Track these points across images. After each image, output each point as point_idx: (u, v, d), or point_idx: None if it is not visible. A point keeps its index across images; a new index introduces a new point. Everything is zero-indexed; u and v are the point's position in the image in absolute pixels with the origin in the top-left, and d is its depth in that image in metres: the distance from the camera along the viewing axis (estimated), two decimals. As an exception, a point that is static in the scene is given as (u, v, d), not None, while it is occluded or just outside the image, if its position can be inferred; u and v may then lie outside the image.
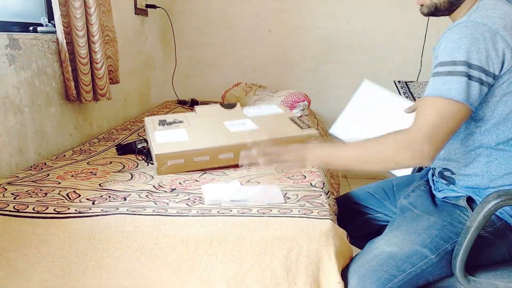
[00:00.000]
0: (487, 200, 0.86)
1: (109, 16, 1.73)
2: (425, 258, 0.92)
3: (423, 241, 0.93)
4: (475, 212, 0.87)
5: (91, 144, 1.63)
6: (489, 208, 0.85)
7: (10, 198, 1.06)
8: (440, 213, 1.00)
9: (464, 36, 0.87)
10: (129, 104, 2.22)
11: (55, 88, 1.52)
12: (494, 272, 0.94)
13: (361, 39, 2.73)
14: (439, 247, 0.93)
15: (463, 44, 0.87)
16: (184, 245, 0.92)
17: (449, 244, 0.93)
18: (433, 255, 0.92)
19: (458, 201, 1.00)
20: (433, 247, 0.92)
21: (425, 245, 0.93)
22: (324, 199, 1.06)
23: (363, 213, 1.26)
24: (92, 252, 0.92)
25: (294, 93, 2.25)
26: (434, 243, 0.93)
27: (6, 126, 1.28)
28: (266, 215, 0.96)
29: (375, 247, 0.96)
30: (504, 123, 0.93)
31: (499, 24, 0.88)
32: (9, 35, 1.29)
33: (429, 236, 0.94)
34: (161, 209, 1.00)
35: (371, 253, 0.94)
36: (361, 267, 0.92)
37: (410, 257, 0.91)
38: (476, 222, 0.86)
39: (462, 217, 0.97)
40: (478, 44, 0.86)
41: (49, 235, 0.94)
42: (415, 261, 0.91)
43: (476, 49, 0.86)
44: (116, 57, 1.79)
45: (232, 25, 2.78)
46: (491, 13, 0.89)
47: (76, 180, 1.20)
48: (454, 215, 0.98)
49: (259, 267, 0.90)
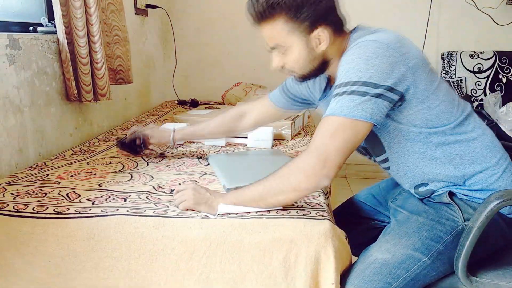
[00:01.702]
0: (489, 200, 0.86)
1: (120, 16, 1.73)
2: (418, 262, 0.91)
3: (414, 244, 0.93)
4: (477, 212, 0.87)
5: (91, 144, 1.64)
6: (491, 208, 0.85)
7: (10, 198, 1.06)
8: (428, 211, 1.00)
9: (357, 57, 0.90)
10: (129, 104, 2.23)
11: (55, 88, 1.52)
12: (496, 272, 0.94)
13: (361, 40, 2.73)
14: (430, 249, 0.92)
15: (357, 64, 0.89)
16: (183, 246, 0.92)
17: (440, 244, 0.93)
18: (426, 257, 0.92)
19: (442, 198, 1.00)
20: (424, 249, 0.92)
21: (417, 248, 0.92)
22: (322, 200, 1.06)
23: (358, 224, 1.26)
24: (90, 253, 0.93)
25: (294, 94, 2.25)
26: (425, 245, 0.93)
27: (6, 126, 1.28)
28: (264, 216, 0.97)
29: (368, 254, 0.96)
30: (436, 119, 0.95)
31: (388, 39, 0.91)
32: (9, 35, 1.29)
33: (420, 238, 0.94)
34: (161, 210, 1.00)
35: (364, 262, 0.94)
36: (356, 278, 0.91)
37: (403, 262, 0.91)
38: (478, 222, 0.86)
39: (449, 212, 0.97)
40: (371, 62, 0.88)
41: (48, 235, 0.94)
42: (409, 266, 0.91)
43: (371, 67, 0.87)
44: (127, 57, 1.79)
45: (232, 25, 2.78)
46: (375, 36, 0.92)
47: (75, 180, 1.21)
48: (441, 212, 0.98)
49: (258, 268, 0.90)
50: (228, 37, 2.82)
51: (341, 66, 0.93)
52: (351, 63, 0.90)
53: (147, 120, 2.10)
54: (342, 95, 0.89)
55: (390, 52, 0.89)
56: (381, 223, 1.23)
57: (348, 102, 0.87)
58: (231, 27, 2.79)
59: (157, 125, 1.73)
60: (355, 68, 0.89)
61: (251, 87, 2.48)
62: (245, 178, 1.11)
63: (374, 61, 0.88)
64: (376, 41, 0.90)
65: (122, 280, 0.91)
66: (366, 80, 0.87)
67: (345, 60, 0.93)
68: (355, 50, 0.92)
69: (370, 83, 0.87)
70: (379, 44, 0.89)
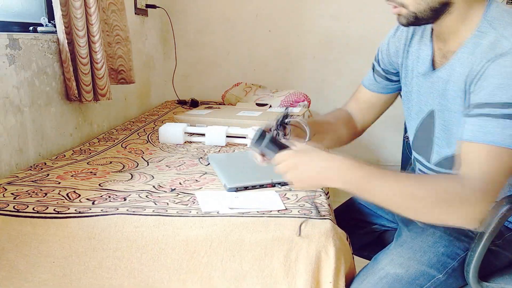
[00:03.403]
0: (500, 204, 0.83)
1: (121, 16, 1.73)
2: (432, 278, 0.88)
3: (429, 260, 0.89)
4: (488, 217, 0.83)
5: (91, 144, 1.63)
6: (502, 212, 0.82)
7: (10, 198, 1.06)
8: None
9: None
10: (129, 104, 2.23)
11: (55, 88, 1.52)
12: (504, 277, 0.93)
13: (361, 39, 2.72)
14: (446, 266, 0.89)
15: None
16: (184, 245, 0.92)
17: (455, 261, 0.90)
18: (440, 274, 0.88)
19: None
20: (440, 266, 0.89)
21: (432, 264, 0.89)
22: (324, 200, 1.06)
23: (358, 226, 1.23)
24: (92, 252, 0.93)
25: (294, 93, 2.26)
26: (441, 261, 0.89)
27: (6, 126, 1.28)
28: (265, 215, 0.96)
29: (379, 267, 0.92)
30: None
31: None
32: (9, 35, 1.29)
33: (435, 254, 0.90)
34: (161, 209, 1.00)
35: (375, 275, 0.91)
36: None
37: (417, 278, 0.88)
38: (491, 228, 0.84)
39: (469, 229, 0.91)
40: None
41: (49, 235, 0.94)
42: (422, 283, 0.88)
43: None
44: (128, 57, 1.78)
45: (232, 25, 2.78)
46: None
47: (76, 180, 1.21)
48: (460, 228, 0.91)
49: (259, 267, 0.90)
50: (228, 37, 2.82)
51: (491, 77, 0.76)
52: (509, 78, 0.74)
53: (147, 120, 2.10)
54: (509, 118, 0.74)
55: None
56: (381, 227, 1.20)
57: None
58: (231, 27, 2.79)
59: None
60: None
61: (251, 87, 2.48)
62: (246, 177, 1.11)
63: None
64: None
65: (126, 279, 0.91)
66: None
67: (498, 70, 0.75)
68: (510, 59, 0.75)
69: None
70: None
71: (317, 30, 2.75)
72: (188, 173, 1.29)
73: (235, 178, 1.16)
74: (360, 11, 2.70)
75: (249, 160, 1.39)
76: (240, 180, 1.13)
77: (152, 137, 1.75)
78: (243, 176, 1.17)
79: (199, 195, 1.09)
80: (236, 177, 1.16)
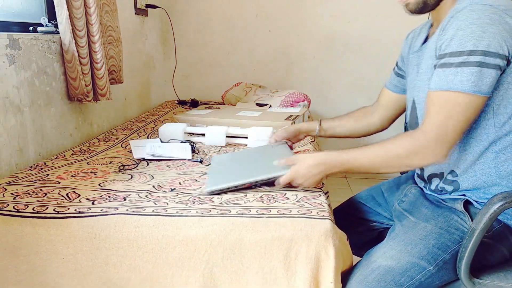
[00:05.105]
0: (492, 202, 0.84)
1: (114, 16, 1.73)
2: (423, 270, 0.90)
3: (420, 252, 0.91)
4: (480, 214, 0.86)
5: (91, 144, 1.63)
6: (494, 210, 0.83)
7: (10, 198, 1.06)
8: (437, 219, 0.97)
9: (472, 23, 0.82)
10: (129, 104, 2.23)
11: (55, 88, 1.52)
12: (498, 274, 0.93)
13: (361, 39, 2.73)
14: (436, 258, 0.91)
15: (473, 32, 0.81)
16: (184, 245, 0.92)
17: (446, 253, 0.91)
18: (431, 266, 0.90)
19: (455, 204, 0.97)
20: (430, 258, 0.90)
21: (422, 256, 0.90)
22: (324, 199, 1.06)
23: (358, 225, 1.24)
24: (97, 251, 0.94)
25: (294, 93, 2.26)
26: (432, 253, 0.91)
27: (6, 126, 1.28)
28: (265, 215, 0.97)
29: (372, 260, 0.94)
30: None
31: (504, 5, 0.83)
32: (9, 35, 1.29)
33: (426, 246, 0.92)
34: (161, 209, 1.00)
35: (368, 267, 0.93)
36: (359, 284, 0.91)
37: (408, 270, 0.90)
38: (482, 224, 0.85)
39: (460, 222, 0.94)
40: (488, 29, 0.80)
41: (51, 235, 0.95)
42: (413, 274, 0.89)
43: (487, 34, 0.80)
44: (119, 57, 1.79)
45: (232, 25, 2.79)
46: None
47: (76, 180, 1.21)
48: (451, 221, 0.95)
49: (259, 264, 0.91)
50: (228, 37, 2.82)
51: (450, 29, 0.86)
52: (465, 29, 0.82)
53: (147, 120, 2.10)
54: (460, 66, 0.82)
55: (507, 18, 0.82)
56: (380, 224, 1.22)
57: (467, 76, 0.82)
58: (231, 27, 2.79)
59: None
60: (470, 36, 0.82)
61: (251, 87, 2.48)
62: (228, 179, 1.11)
63: (491, 29, 0.80)
64: (493, 6, 0.82)
65: (133, 274, 0.94)
66: (484, 49, 0.81)
67: (456, 24, 0.84)
68: (468, 14, 0.83)
69: (489, 53, 0.80)
70: (495, 10, 0.82)
71: (317, 30, 2.75)
72: (188, 173, 1.29)
73: (216, 181, 1.13)
74: (360, 11, 2.70)
75: (251, 158, 1.37)
76: (219, 182, 1.11)
77: (152, 137, 1.75)
78: (226, 178, 1.14)
79: (132, 142, 1.40)
80: (217, 180, 1.14)
